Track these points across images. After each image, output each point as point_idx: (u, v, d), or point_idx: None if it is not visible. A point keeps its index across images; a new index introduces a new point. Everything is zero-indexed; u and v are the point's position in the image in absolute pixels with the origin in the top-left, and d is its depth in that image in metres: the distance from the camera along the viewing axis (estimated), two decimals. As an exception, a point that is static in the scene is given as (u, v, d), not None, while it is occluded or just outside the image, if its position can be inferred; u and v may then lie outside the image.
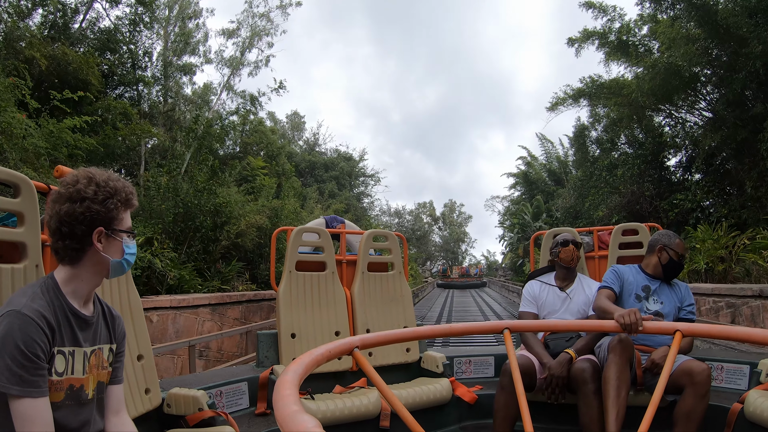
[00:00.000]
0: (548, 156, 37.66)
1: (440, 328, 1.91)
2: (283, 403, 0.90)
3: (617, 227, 4.20)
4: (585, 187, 22.92)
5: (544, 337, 3.39)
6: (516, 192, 44.49)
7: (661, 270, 3.28)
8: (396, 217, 73.61)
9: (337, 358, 3.49)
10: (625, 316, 2.29)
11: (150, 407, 2.49)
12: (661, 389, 1.60)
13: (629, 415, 2.73)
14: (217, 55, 22.28)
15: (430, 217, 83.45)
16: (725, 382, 3.45)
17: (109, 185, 1.62)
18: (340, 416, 3.05)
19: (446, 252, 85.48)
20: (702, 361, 2.86)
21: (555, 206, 30.47)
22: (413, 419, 1.38)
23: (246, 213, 15.02)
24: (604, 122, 21.34)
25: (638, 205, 17.80)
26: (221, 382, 3.12)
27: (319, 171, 37.51)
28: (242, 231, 14.50)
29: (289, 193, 22.84)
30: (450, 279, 61.85)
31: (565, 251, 3.57)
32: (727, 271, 11.62)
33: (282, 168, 25.85)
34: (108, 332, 1.76)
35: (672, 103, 16.61)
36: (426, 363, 3.90)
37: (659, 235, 3.36)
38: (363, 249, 4.02)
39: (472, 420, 3.60)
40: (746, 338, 1.68)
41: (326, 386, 3.51)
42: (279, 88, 22.53)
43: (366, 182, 45.10)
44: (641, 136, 19.31)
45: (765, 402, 2.70)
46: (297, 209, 20.23)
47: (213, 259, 13.25)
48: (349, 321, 3.85)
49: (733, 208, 14.17)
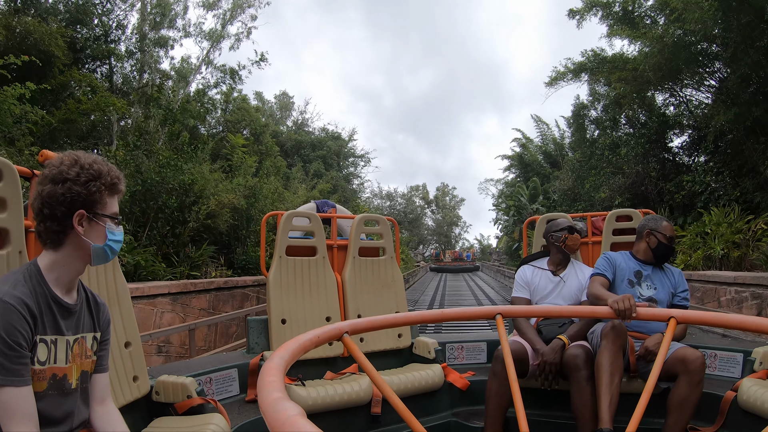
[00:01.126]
0: (544, 138, 37.17)
1: (432, 313, 1.90)
2: (266, 390, 0.89)
3: (611, 213, 4.21)
4: (583, 169, 22.40)
5: (537, 323, 3.40)
6: (510, 174, 44.00)
7: (651, 254, 3.29)
8: (387, 200, 73.35)
9: (328, 344, 3.52)
10: (619, 302, 2.28)
11: (138, 395, 2.49)
12: (655, 376, 1.60)
13: (622, 401, 2.74)
14: (197, 27, 21.53)
15: (422, 200, 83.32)
16: (718, 370, 3.48)
17: (93, 168, 1.61)
18: (331, 403, 3.06)
19: (439, 236, 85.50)
20: (696, 349, 2.87)
21: (552, 188, 30.03)
22: (404, 405, 1.37)
23: (218, 192, 14.17)
24: (603, 102, 20.80)
25: (643, 187, 17.27)
26: (211, 369, 3.11)
27: (305, 151, 36.73)
28: (214, 212, 13.60)
29: (271, 172, 22.15)
30: (443, 263, 62.36)
31: (572, 239, 3.59)
32: (744, 257, 11.08)
33: (266, 147, 25.15)
34: (92, 320, 1.75)
35: (678, 80, 16.05)
36: (418, 349, 3.91)
37: (646, 220, 3.38)
38: (354, 234, 4.01)
39: (465, 406, 3.61)
40: (741, 326, 1.67)
41: (317, 372, 3.51)
42: (260, 61, 21.70)
43: (356, 163, 44.43)
44: (643, 116, 18.82)
45: (758, 390, 2.73)
46: (279, 189, 19.69)
47: (181, 242, 12.43)
48: (340, 306, 3.84)
49: (745, 191, 13.59)
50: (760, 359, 3.07)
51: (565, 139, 34.68)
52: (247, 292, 12.26)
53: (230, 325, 10.78)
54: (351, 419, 3.20)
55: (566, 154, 33.17)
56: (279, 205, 18.30)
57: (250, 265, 14.72)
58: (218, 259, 13.85)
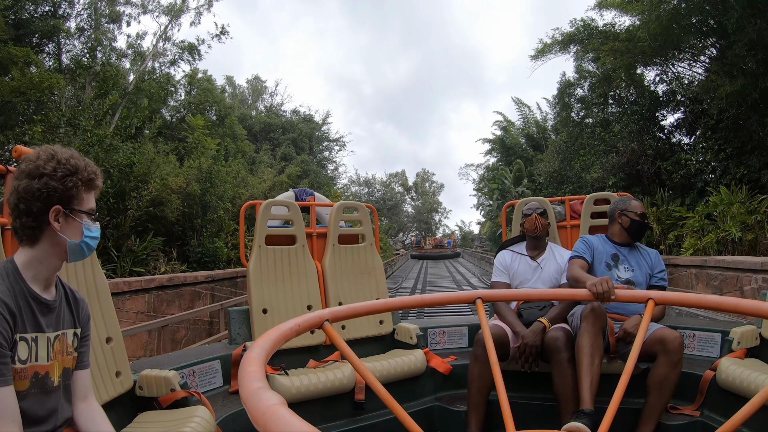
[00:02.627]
0: (525, 120, 36.95)
1: (411, 299, 1.92)
2: (247, 380, 0.91)
3: (589, 197, 4.29)
4: (570, 150, 21.82)
5: (518, 307, 3.47)
6: (492, 158, 43.85)
7: (626, 234, 3.39)
8: (366, 187, 73.09)
9: (310, 332, 3.56)
10: (597, 284, 2.33)
11: (122, 390, 2.50)
12: (634, 357, 1.64)
13: (603, 382, 2.80)
14: (154, 1, 20.09)
15: (402, 186, 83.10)
16: (697, 350, 3.57)
17: (70, 163, 1.61)
18: (315, 391, 3.11)
19: (419, 222, 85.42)
20: (674, 329, 2.95)
21: (537, 171, 29.24)
22: (386, 391, 1.41)
23: (165, 176, 13.19)
24: (591, 80, 19.93)
25: (639, 166, 16.55)
26: (194, 361, 3.13)
27: (275, 134, 35.73)
28: (161, 198, 12.50)
29: (234, 154, 21.44)
30: (424, 250, 63.52)
31: (528, 221, 3.67)
32: (758, 240, 10.54)
33: (231, 130, 24.31)
34: (72, 316, 1.76)
35: (673, 54, 15.32)
36: (399, 335, 3.97)
37: (615, 203, 3.48)
38: (333, 221, 4.04)
39: (447, 391, 3.68)
40: (719, 307, 1.73)
41: (301, 361, 3.55)
42: (221, 34, 20.81)
43: (330, 147, 43.46)
44: (632, 95, 18.24)
45: (737, 369, 2.83)
46: (241, 173, 18.78)
47: (122, 234, 11.45)
48: (321, 294, 3.88)
49: (751, 169, 12.86)
50: (738, 339, 3.16)
51: (548, 122, 34.36)
52: (199, 289, 11.12)
53: (178, 329, 9.87)
54: (335, 407, 3.25)
55: (549, 136, 32.80)
56: (242, 191, 17.55)
57: (206, 259, 13.78)
58: (171, 252, 12.99)
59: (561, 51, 17.87)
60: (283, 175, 23.83)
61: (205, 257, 13.78)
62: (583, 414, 2.63)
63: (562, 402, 2.96)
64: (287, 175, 24.21)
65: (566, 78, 23.29)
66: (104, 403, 2.26)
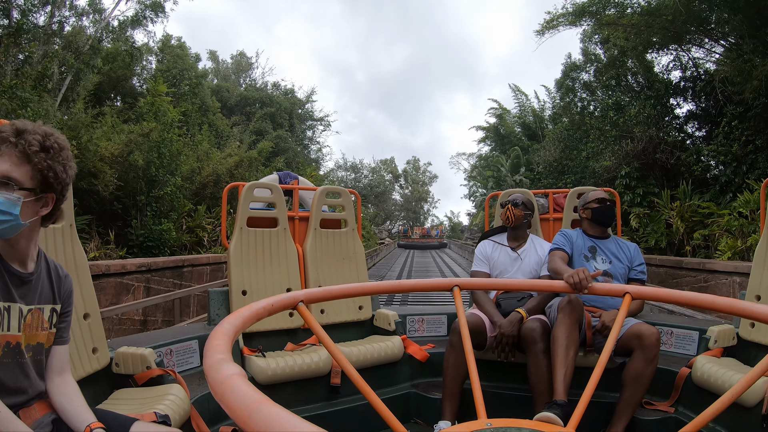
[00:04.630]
0: (522, 109, 36.13)
1: (388, 284, 1.94)
2: (210, 352, 0.93)
3: (573, 190, 4.37)
4: (572, 138, 20.89)
5: (496, 297, 3.54)
6: (485, 147, 43.37)
7: (596, 224, 3.53)
8: (352, 172, 72.39)
9: (288, 315, 3.61)
10: (574, 274, 2.39)
11: (98, 367, 2.54)
12: (608, 350, 1.68)
13: (579, 375, 2.87)
14: None
15: (391, 174, 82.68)
16: (674, 347, 3.66)
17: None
18: (290, 373, 3.17)
19: (407, 211, 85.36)
20: (652, 325, 3.02)
21: (536, 159, 28.12)
22: (358, 375, 1.43)
23: (94, 140, 11.26)
24: (596, 65, 19.16)
25: (657, 154, 15.44)
26: (171, 340, 3.16)
27: (252, 108, 33.41)
28: (89, 168, 10.71)
29: (204, 128, 20.24)
30: (411, 239, 64.40)
31: (502, 212, 3.77)
32: None
33: (201, 101, 22.83)
34: (52, 292, 1.77)
35: (703, 28, 13.84)
36: (378, 321, 4.04)
37: (579, 202, 3.68)
38: (316, 205, 4.08)
39: (424, 378, 3.75)
40: (695, 303, 1.77)
41: (279, 344, 3.61)
42: None
43: (314, 126, 41.36)
44: (642, 81, 17.20)
45: (712, 367, 2.92)
46: (203, 146, 17.55)
47: None
48: (301, 278, 3.92)
49: None
50: (715, 337, 3.25)
51: (546, 111, 33.63)
52: (127, 281, 9.29)
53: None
54: (311, 390, 3.32)
55: (546, 126, 31.97)
56: (203, 165, 16.44)
57: (150, 243, 12.13)
58: (108, 234, 11.53)
59: (571, 24, 16.24)
60: (254, 151, 21.94)
61: (148, 241, 12.18)
62: (555, 405, 2.69)
63: (537, 393, 3.03)
64: (258, 151, 22.37)
65: (572, 60, 22.40)
66: (80, 379, 2.30)
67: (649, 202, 15.56)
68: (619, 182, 16.10)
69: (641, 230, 15.21)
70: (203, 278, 12.61)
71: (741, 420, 2.69)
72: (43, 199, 1.61)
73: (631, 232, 15.35)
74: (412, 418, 3.57)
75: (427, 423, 3.46)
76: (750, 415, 2.64)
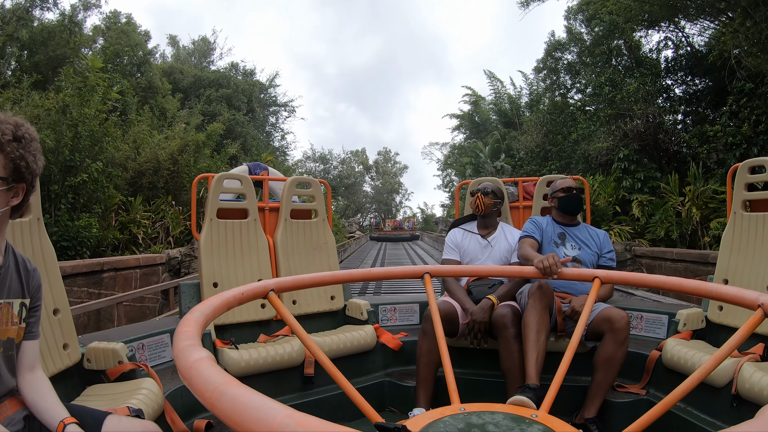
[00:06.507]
0: (498, 95, 35.76)
1: (358, 272, 1.97)
2: (179, 338, 0.95)
3: (542, 178, 4.48)
4: (555, 123, 20.01)
5: (467, 284, 3.61)
6: (460, 135, 43.33)
7: (563, 212, 3.62)
8: (321, 163, 71.78)
9: (261, 307, 3.63)
10: (543, 260, 2.46)
11: (69, 363, 2.54)
12: (579, 333, 1.74)
13: (551, 360, 2.91)
14: None
15: (362, 165, 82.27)
16: (645, 331, 3.77)
17: None
18: (264, 364, 3.20)
19: (379, 203, 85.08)
20: (622, 310, 3.12)
21: (517, 146, 27.16)
22: (332, 364, 1.46)
23: None
24: (579, 47, 18.45)
25: (660, 135, 14.39)
26: (143, 334, 3.16)
27: (207, 90, 31.03)
28: None
29: (144, 109, 18.91)
30: (383, 232, 65.03)
31: (472, 201, 3.86)
32: None
33: (149, 81, 21.61)
34: (21, 286, 1.77)
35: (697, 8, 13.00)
36: (350, 311, 4.08)
37: (548, 191, 3.78)
38: (286, 196, 4.09)
39: (398, 366, 3.82)
40: (663, 286, 1.84)
41: (251, 335, 3.63)
42: None
43: (277, 112, 39.49)
44: (629, 60, 16.44)
45: (682, 350, 3.04)
46: (143, 129, 16.31)
47: None
48: (272, 269, 3.95)
49: None
50: (683, 321, 3.39)
51: (522, 98, 33.25)
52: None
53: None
54: (285, 381, 3.35)
55: (524, 113, 31.64)
56: (141, 150, 15.40)
57: (64, 243, 10.57)
58: None
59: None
60: (201, 134, 19.80)
61: (62, 240, 10.53)
62: (528, 389, 2.76)
63: (509, 378, 3.11)
64: (207, 135, 20.30)
65: (555, 39, 21.82)
66: (52, 376, 2.30)
67: (652, 187, 14.53)
68: (616, 166, 15.21)
69: (643, 219, 14.01)
70: (131, 285, 11.17)
71: (713, 400, 2.81)
72: (14, 188, 1.62)
73: (633, 222, 14.35)
74: (387, 407, 3.62)
75: (402, 411, 3.50)
76: (720, 395, 2.75)
